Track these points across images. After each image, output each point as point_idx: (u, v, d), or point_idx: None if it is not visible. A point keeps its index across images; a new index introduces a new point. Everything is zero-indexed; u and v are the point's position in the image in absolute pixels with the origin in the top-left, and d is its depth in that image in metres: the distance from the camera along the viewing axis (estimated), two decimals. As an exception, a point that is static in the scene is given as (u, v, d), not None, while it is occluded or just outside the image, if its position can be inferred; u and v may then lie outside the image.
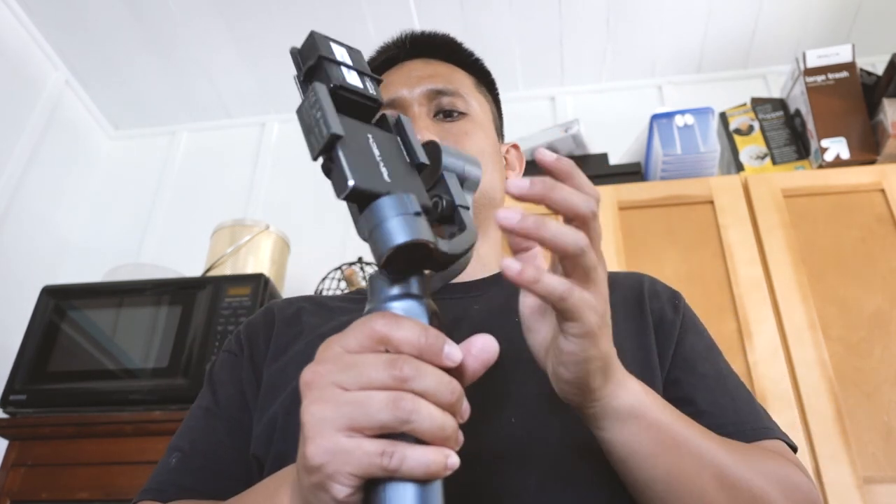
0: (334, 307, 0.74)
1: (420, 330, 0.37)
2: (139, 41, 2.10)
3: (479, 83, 0.84)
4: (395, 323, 0.37)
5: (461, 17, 2.00)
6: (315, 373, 0.37)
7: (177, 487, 0.61)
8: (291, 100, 2.29)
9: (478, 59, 0.85)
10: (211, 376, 0.71)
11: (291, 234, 1.89)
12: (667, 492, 0.48)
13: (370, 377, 0.35)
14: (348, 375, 0.36)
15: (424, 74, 0.78)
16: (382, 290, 0.40)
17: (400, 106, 0.76)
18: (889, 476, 1.20)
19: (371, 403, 0.35)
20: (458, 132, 0.74)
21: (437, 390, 0.36)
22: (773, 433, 0.61)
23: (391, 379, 0.35)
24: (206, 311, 1.50)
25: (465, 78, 0.82)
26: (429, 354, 0.37)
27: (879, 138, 1.55)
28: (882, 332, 1.32)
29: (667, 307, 0.69)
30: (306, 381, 0.37)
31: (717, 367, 0.65)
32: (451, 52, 0.83)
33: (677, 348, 0.65)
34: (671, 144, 1.60)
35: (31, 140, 2.04)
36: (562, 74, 2.20)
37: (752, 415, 0.62)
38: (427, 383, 0.36)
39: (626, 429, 0.47)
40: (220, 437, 0.64)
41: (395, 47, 0.83)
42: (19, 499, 1.38)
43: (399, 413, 0.34)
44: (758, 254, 1.43)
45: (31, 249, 2.03)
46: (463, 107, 0.76)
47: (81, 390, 1.46)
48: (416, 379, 0.35)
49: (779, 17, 2.00)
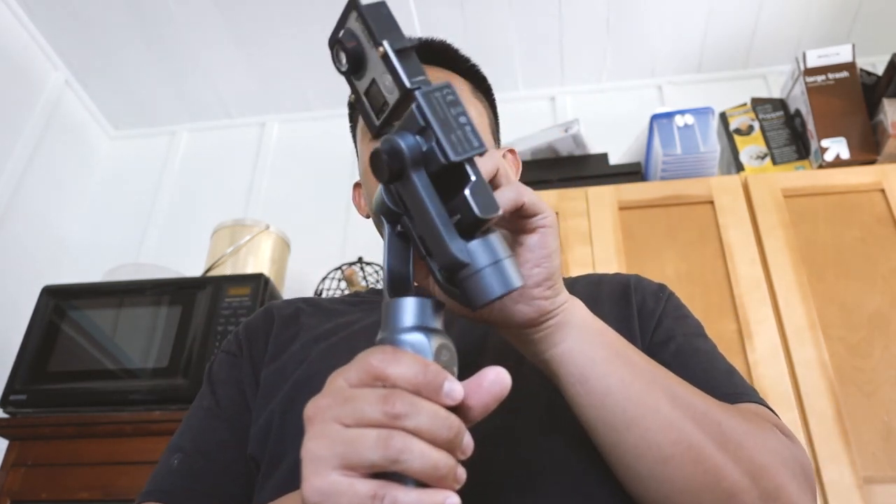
0: (332, 309, 0.74)
1: (419, 366, 0.36)
2: (139, 41, 2.10)
3: (476, 89, 0.84)
4: (392, 358, 0.36)
5: (461, 17, 2.00)
6: (316, 406, 0.36)
7: (181, 490, 0.61)
8: (291, 100, 2.29)
9: (474, 65, 0.85)
10: (210, 376, 0.71)
11: (291, 234, 1.89)
12: (623, 400, 0.48)
13: (363, 412, 0.35)
14: (344, 410, 0.35)
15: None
16: (393, 318, 0.39)
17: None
18: (889, 476, 1.20)
19: (362, 441, 0.34)
20: None
21: (431, 427, 0.35)
22: (751, 398, 0.59)
23: (383, 415, 0.34)
24: (206, 311, 1.50)
25: (462, 84, 0.81)
26: (427, 391, 0.36)
27: (879, 138, 1.55)
28: (882, 332, 1.32)
29: (649, 298, 0.70)
30: (308, 415, 0.37)
31: (694, 344, 0.65)
32: (448, 58, 0.83)
33: (655, 332, 0.66)
34: (671, 144, 1.60)
35: (31, 140, 2.04)
36: (562, 74, 2.20)
37: (727, 383, 0.60)
38: (421, 420, 0.34)
39: (584, 336, 0.49)
40: (222, 437, 0.65)
41: None
42: (19, 499, 1.38)
43: (388, 452, 0.33)
44: (758, 254, 1.43)
45: (31, 249, 2.03)
46: None
47: (81, 390, 1.46)
48: (410, 416, 0.34)
49: (779, 17, 2.00)
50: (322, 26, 2.04)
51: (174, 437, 0.67)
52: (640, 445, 0.48)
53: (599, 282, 0.74)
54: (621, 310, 0.68)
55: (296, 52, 2.12)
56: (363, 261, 1.82)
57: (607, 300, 0.69)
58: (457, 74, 0.82)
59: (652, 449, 0.48)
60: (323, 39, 2.46)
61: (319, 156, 2.25)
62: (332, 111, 2.30)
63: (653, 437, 0.48)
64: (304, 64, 2.16)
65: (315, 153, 2.26)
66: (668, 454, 0.48)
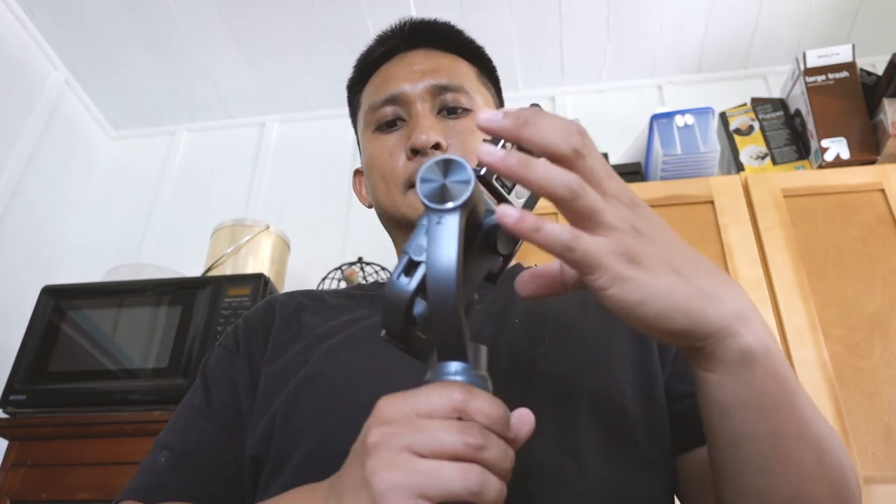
0: (335, 304, 0.73)
1: (494, 402, 0.37)
2: (139, 41, 2.10)
3: (482, 73, 0.81)
4: (471, 393, 0.37)
5: (461, 16, 2.00)
6: (384, 434, 0.37)
7: (166, 489, 0.60)
8: (291, 100, 2.29)
9: (479, 47, 0.83)
10: (205, 371, 0.70)
11: (291, 234, 1.89)
12: (766, 451, 0.43)
13: (442, 442, 0.35)
14: (420, 439, 0.36)
15: (427, 68, 0.76)
16: (445, 365, 0.40)
17: (403, 102, 0.74)
18: (889, 476, 1.20)
19: (442, 473, 0.35)
20: (462, 130, 0.72)
21: (500, 459, 0.36)
22: None
23: (464, 446, 0.35)
24: (206, 311, 1.50)
25: (468, 69, 0.79)
26: (497, 426, 0.37)
27: (879, 138, 1.55)
28: (882, 332, 1.32)
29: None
30: (374, 442, 0.37)
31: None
32: (453, 41, 0.80)
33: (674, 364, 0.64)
34: (671, 144, 1.60)
35: (30, 140, 2.04)
36: (562, 74, 2.20)
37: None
38: (493, 453, 0.36)
39: (738, 376, 0.41)
40: (211, 439, 0.64)
41: (394, 37, 0.80)
42: (19, 499, 1.38)
43: (470, 484, 0.35)
44: (758, 254, 1.43)
45: (31, 249, 2.03)
46: (467, 103, 0.74)
47: (81, 390, 1.46)
48: (487, 448, 0.36)
49: (779, 17, 2.00)
50: (322, 27, 2.04)
51: (163, 433, 0.66)
52: (768, 492, 0.45)
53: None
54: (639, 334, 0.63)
55: (296, 52, 2.12)
56: (363, 261, 1.82)
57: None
58: (462, 58, 0.80)
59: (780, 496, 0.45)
60: (323, 40, 2.46)
61: (319, 156, 2.25)
62: (332, 111, 2.30)
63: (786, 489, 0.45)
64: (304, 64, 2.16)
65: (315, 153, 2.26)
66: (784, 497, 0.45)
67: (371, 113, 0.76)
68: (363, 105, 0.79)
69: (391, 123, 0.74)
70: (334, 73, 2.18)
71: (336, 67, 2.16)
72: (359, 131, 0.81)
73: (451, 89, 0.74)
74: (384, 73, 0.78)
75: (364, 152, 0.79)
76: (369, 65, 0.81)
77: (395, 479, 0.35)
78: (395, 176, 0.72)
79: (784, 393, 0.42)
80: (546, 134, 0.37)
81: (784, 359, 0.43)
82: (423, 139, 0.69)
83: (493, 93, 0.83)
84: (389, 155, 0.73)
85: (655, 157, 1.63)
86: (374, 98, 0.76)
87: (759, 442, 0.43)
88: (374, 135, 0.76)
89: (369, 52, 0.82)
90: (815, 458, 0.44)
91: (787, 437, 0.43)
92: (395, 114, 0.74)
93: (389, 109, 0.74)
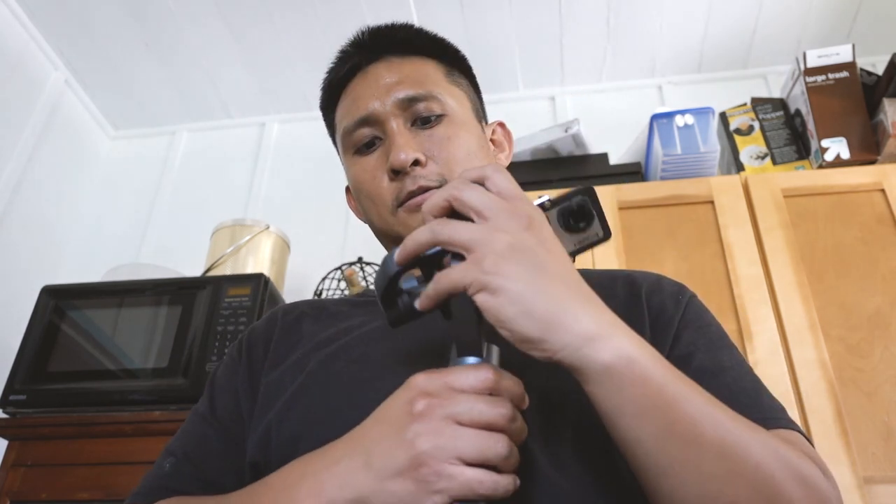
0: (336, 312, 0.73)
1: (517, 382, 0.46)
2: (139, 41, 2.10)
3: (451, 69, 0.79)
4: (500, 373, 0.45)
5: (461, 17, 2.00)
6: (429, 404, 0.44)
7: (169, 491, 0.61)
8: (291, 100, 2.29)
9: (442, 41, 0.80)
10: (213, 381, 0.71)
11: (291, 234, 1.89)
12: (656, 454, 0.45)
13: (481, 412, 0.43)
14: (462, 409, 0.43)
15: (392, 81, 0.73)
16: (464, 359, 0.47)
17: (375, 122, 0.72)
18: (889, 476, 1.20)
19: (480, 440, 0.42)
20: (440, 138, 0.71)
21: (521, 431, 0.46)
22: (783, 423, 0.56)
23: (498, 416, 0.43)
24: (206, 311, 1.50)
25: (435, 70, 0.77)
26: (519, 402, 0.46)
27: (879, 138, 1.55)
28: (882, 333, 1.32)
29: (668, 301, 0.65)
30: (420, 410, 0.44)
31: (717, 359, 0.60)
32: (413, 43, 0.78)
33: (674, 344, 0.62)
34: (671, 144, 1.60)
35: (31, 140, 2.04)
36: (562, 74, 2.20)
37: (755, 406, 0.56)
38: (519, 424, 0.45)
39: (605, 386, 0.44)
40: (212, 447, 0.65)
41: (354, 52, 0.79)
42: (19, 499, 1.38)
43: (501, 450, 0.43)
44: (758, 254, 1.43)
45: (31, 249, 2.03)
46: (439, 109, 0.72)
47: (81, 390, 1.46)
48: (515, 419, 0.45)
49: (779, 17, 2.00)
50: (322, 27, 2.04)
51: (171, 441, 0.67)
52: (674, 493, 0.46)
53: (612, 280, 0.69)
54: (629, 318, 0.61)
55: (296, 52, 2.12)
56: (363, 261, 1.82)
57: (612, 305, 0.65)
58: (427, 58, 0.78)
59: (688, 497, 0.45)
60: (323, 40, 2.46)
61: (319, 156, 2.24)
62: (332, 111, 2.30)
63: (689, 489, 0.45)
64: (304, 64, 2.16)
65: (315, 153, 2.26)
66: (692, 497, 0.45)
67: (347, 136, 0.75)
68: (338, 128, 0.78)
69: (369, 144, 0.73)
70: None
71: (336, 67, 2.16)
72: (340, 153, 0.80)
73: (420, 99, 0.72)
74: (352, 94, 0.76)
75: (348, 175, 0.78)
76: (335, 85, 0.79)
77: (438, 443, 0.42)
78: (381, 198, 0.71)
79: (660, 398, 0.44)
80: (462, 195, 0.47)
81: (661, 366, 0.46)
82: (403, 158, 0.68)
83: (468, 85, 0.81)
84: (373, 178, 0.72)
85: (655, 157, 1.64)
86: (346, 122, 0.75)
87: (645, 445, 0.45)
88: (355, 157, 0.75)
89: (334, 72, 0.80)
90: (715, 458, 0.44)
91: (674, 439, 0.44)
92: (371, 134, 0.73)
93: (365, 131, 0.73)
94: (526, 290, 0.43)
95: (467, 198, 0.47)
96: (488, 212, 0.46)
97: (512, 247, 0.44)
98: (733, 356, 0.62)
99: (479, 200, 0.46)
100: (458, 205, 0.47)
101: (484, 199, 0.46)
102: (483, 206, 0.46)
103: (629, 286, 0.68)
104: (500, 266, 0.43)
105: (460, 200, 0.47)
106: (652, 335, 0.62)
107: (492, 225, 0.45)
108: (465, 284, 0.44)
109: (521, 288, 0.43)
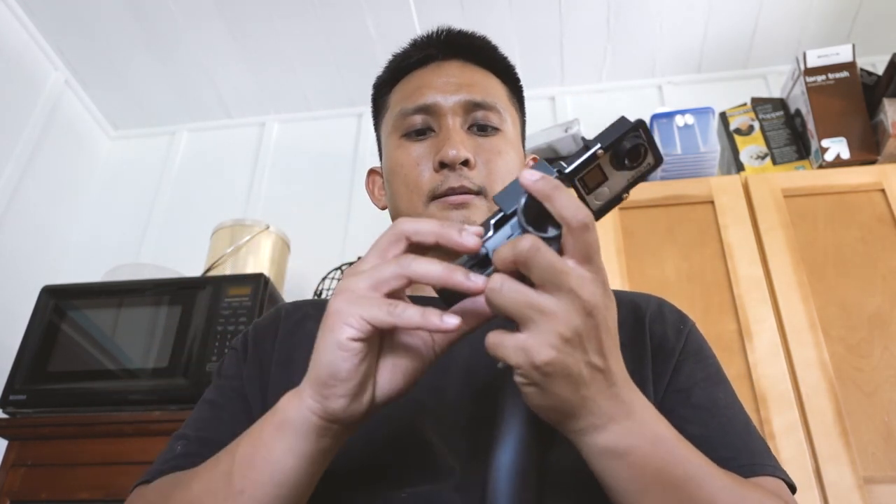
0: None
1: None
2: (139, 41, 2.10)
3: (512, 94, 0.81)
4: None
5: (461, 17, 2.00)
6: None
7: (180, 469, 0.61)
8: (291, 100, 2.29)
9: (512, 67, 0.82)
10: (219, 371, 0.72)
11: (291, 234, 1.89)
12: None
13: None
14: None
15: (462, 82, 0.75)
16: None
17: (434, 113, 0.73)
18: (889, 476, 1.20)
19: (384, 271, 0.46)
20: (490, 149, 0.72)
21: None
22: (769, 469, 0.58)
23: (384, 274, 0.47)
24: (206, 311, 1.50)
25: (501, 89, 0.79)
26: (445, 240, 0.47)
27: (879, 138, 1.55)
28: (882, 332, 1.32)
29: (670, 332, 0.67)
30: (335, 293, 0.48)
31: (713, 397, 0.62)
32: (489, 56, 0.80)
33: (674, 376, 0.63)
34: (671, 144, 1.60)
35: (30, 140, 2.04)
36: (562, 74, 2.20)
37: (745, 450, 0.58)
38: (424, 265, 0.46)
39: (607, 464, 0.46)
40: (225, 428, 0.65)
41: (430, 44, 0.80)
42: (19, 499, 1.38)
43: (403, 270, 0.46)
44: (758, 254, 1.43)
45: (31, 249, 2.03)
46: (497, 122, 0.74)
47: (81, 390, 1.46)
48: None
49: (779, 17, 2.00)
50: (322, 26, 2.04)
51: (180, 428, 0.68)
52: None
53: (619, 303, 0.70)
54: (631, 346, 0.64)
55: (296, 52, 2.12)
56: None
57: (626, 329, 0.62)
58: (495, 76, 0.80)
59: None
60: (323, 40, 2.46)
61: (319, 156, 2.25)
62: (332, 111, 2.30)
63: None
64: (304, 64, 2.16)
65: (315, 153, 2.26)
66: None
67: (400, 118, 0.75)
68: (392, 108, 0.78)
69: (420, 132, 0.74)
70: (334, 73, 2.18)
71: (336, 67, 2.16)
72: (382, 133, 0.80)
73: (483, 106, 0.74)
74: (417, 80, 0.77)
75: (387, 157, 0.77)
76: (403, 68, 0.80)
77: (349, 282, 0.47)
78: (419, 187, 0.71)
79: (658, 480, 0.46)
80: (566, 204, 0.43)
81: (667, 451, 0.47)
82: (454, 154, 0.69)
83: (519, 111, 0.82)
84: (416, 164, 0.72)
85: (655, 157, 1.63)
86: (405, 104, 0.75)
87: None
88: (401, 141, 0.75)
89: (405, 56, 0.81)
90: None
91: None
92: (425, 123, 0.74)
93: (420, 118, 0.74)
94: (564, 399, 0.44)
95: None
96: (589, 263, 0.44)
97: (570, 344, 0.42)
98: (727, 393, 0.64)
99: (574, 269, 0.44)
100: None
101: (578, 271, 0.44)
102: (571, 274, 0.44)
103: (633, 311, 0.69)
104: (555, 368, 0.42)
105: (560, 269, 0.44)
106: (653, 363, 0.64)
107: (567, 304, 0.43)
108: (512, 363, 0.43)
109: (565, 396, 0.44)
